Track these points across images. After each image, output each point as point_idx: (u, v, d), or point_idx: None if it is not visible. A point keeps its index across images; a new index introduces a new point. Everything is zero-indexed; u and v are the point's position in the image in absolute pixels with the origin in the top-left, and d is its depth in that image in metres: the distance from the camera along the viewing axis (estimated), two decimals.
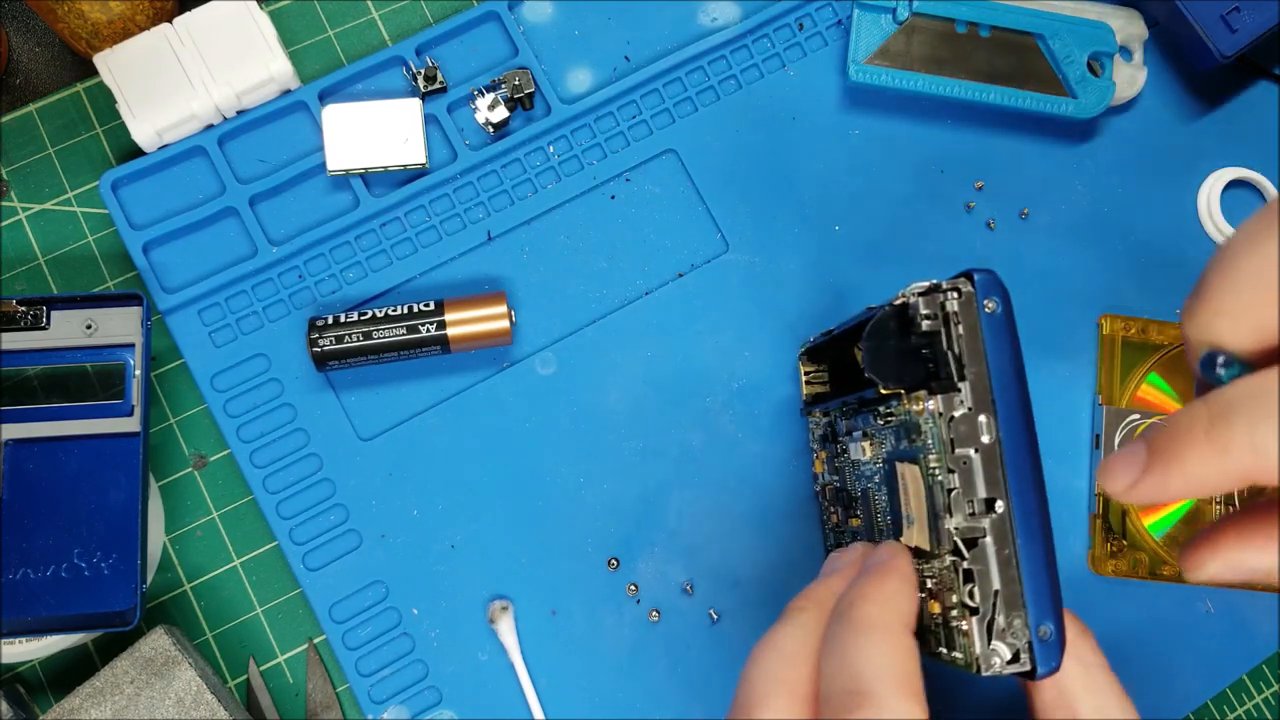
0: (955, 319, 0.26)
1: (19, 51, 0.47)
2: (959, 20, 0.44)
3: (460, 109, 0.45)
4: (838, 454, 0.38)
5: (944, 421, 0.26)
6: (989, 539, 0.26)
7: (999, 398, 0.26)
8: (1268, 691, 0.46)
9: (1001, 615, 0.26)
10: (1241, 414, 0.22)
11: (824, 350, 0.40)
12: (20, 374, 0.42)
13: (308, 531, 0.41)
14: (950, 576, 0.27)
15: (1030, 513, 0.26)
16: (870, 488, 0.34)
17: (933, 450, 0.27)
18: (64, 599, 0.38)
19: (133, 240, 0.42)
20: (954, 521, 0.26)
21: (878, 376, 0.28)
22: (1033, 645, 0.25)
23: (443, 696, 0.40)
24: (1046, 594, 0.26)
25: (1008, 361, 0.26)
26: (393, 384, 0.43)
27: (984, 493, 0.26)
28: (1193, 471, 0.23)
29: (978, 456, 0.26)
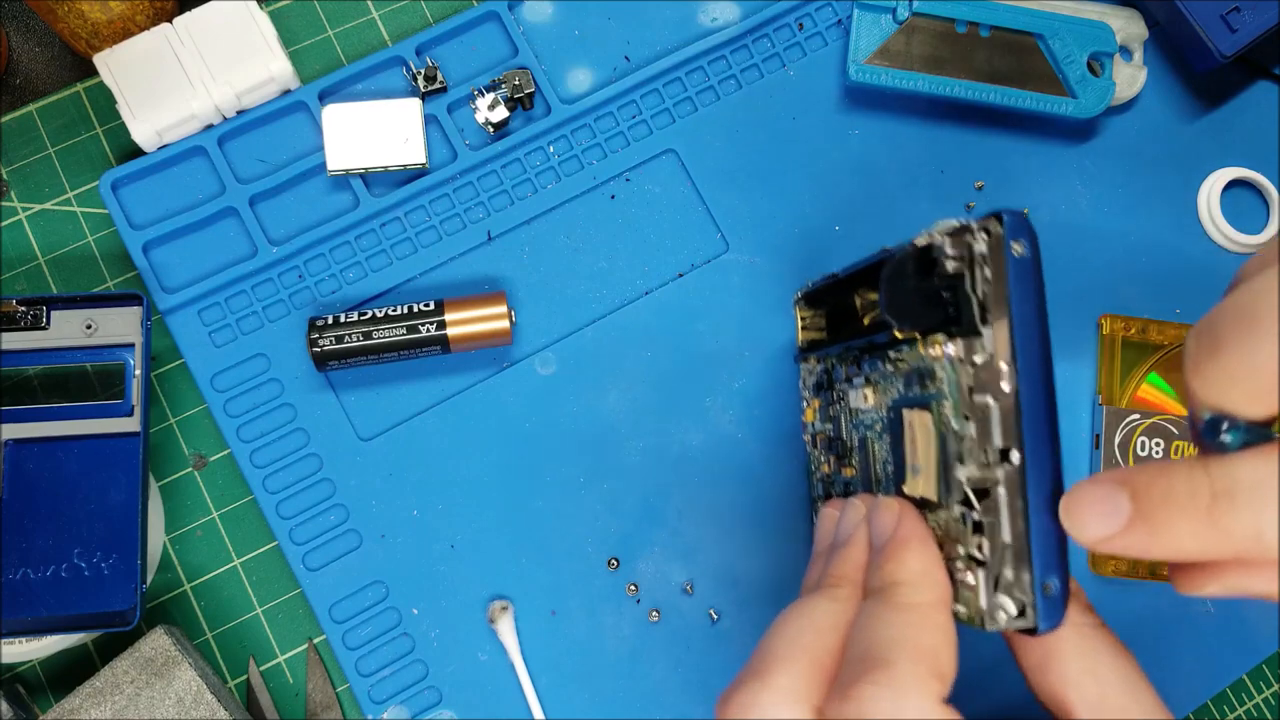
0: (981, 261, 0.25)
1: (19, 51, 0.47)
2: (959, 20, 0.44)
3: (460, 109, 0.45)
4: (833, 401, 0.37)
5: (964, 367, 0.25)
6: (1002, 490, 0.25)
7: (1021, 346, 0.25)
8: (1268, 691, 0.46)
9: (1009, 569, 0.25)
10: (1249, 500, 0.21)
11: (823, 295, 0.38)
12: (20, 374, 0.42)
13: (308, 531, 0.41)
14: (958, 528, 0.26)
15: (1044, 466, 0.25)
16: (869, 436, 0.33)
17: (948, 397, 0.26)
18: (64, 599, 0.38)
19: (133, 240, 0.42)
20: (966, 471, 0.25)
21: (895, 319, 0.27)
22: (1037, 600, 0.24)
23: (443, 696, 0.40)
24: (1055, 549, 0.25)
25: (1033, 308, 0.25)
26: (393, 384, 0.43)
27: (1000, 443, 0.25)
28: (1183, 544, 0.22)
29: (996, 405, 0.25)
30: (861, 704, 0.23)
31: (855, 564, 0.28)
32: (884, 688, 0.23)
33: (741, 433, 0.43)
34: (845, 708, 0.23)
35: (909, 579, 0.26)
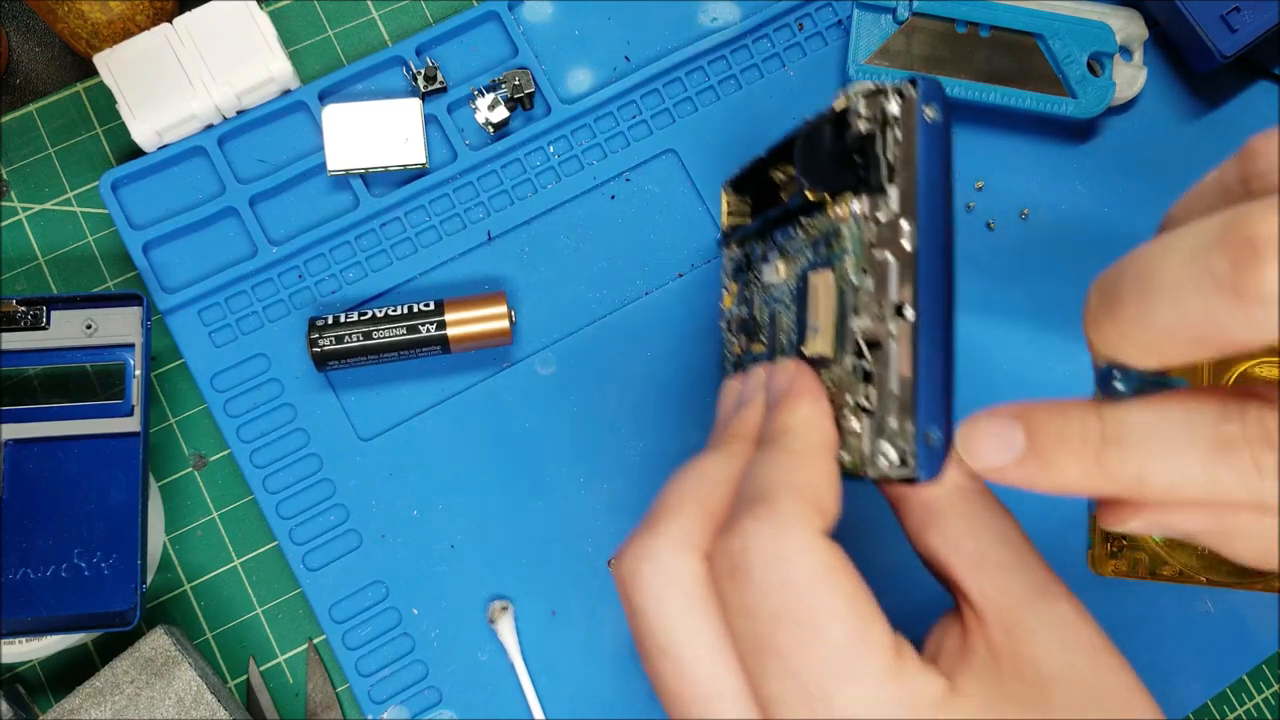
0: (893, 123, 0.26)
1: (19, 51, 0.47)
2: (959, 20, 0.44)
3: (460, 109, 0.45)
4: (750, 283, 0.37)
5: (866, 224, 0.26)
6: (893, 343, 0.26)
7: (924, 205, 0.26)
8: (1268, 691, 0.46)
9: (894, 418, 0.25)
10: (1135, 445, 0.22)
11: (749, 179, 0.38)
12: (20, 374, 0.42)
13: (308, 531, 0.41)
14: (849, 380, 0.27)
15: (936, 323, 0.26)
16: (779, 309, 0.34)
17: (850, 253, 0.27)
18: (64, 599, 0.38)
19: (133, 240, 0.42)
20: (860, 323, 0.26)
21: (808, 179, 0.27)
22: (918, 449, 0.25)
23: (443, 696, 0.40)
24: (940, 402, 0.25)
25: (939, 171, 0.26)
26: (393, 384, 0.43)
27: (895, 297, 0.26)
28: (1069, 481, 0.23)
29: (894, 261, 0.26)
30: (745, 537, 0.23)
31: (751, 423, 0.29)
32: (765, 522, 0.23)
33: None
34: (729, 543, 0.24)
35: (796, 426, 0.26)
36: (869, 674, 0.22)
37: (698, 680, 0.24)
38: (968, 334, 0.45)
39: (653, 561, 0.25)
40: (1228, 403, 0.21)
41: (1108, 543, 0.43)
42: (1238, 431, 0.20)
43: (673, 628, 0.24)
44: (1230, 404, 0.21)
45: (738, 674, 0.24)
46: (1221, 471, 0.21)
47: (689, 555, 0.25)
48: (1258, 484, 0.20)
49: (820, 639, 0.22)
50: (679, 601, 0.25)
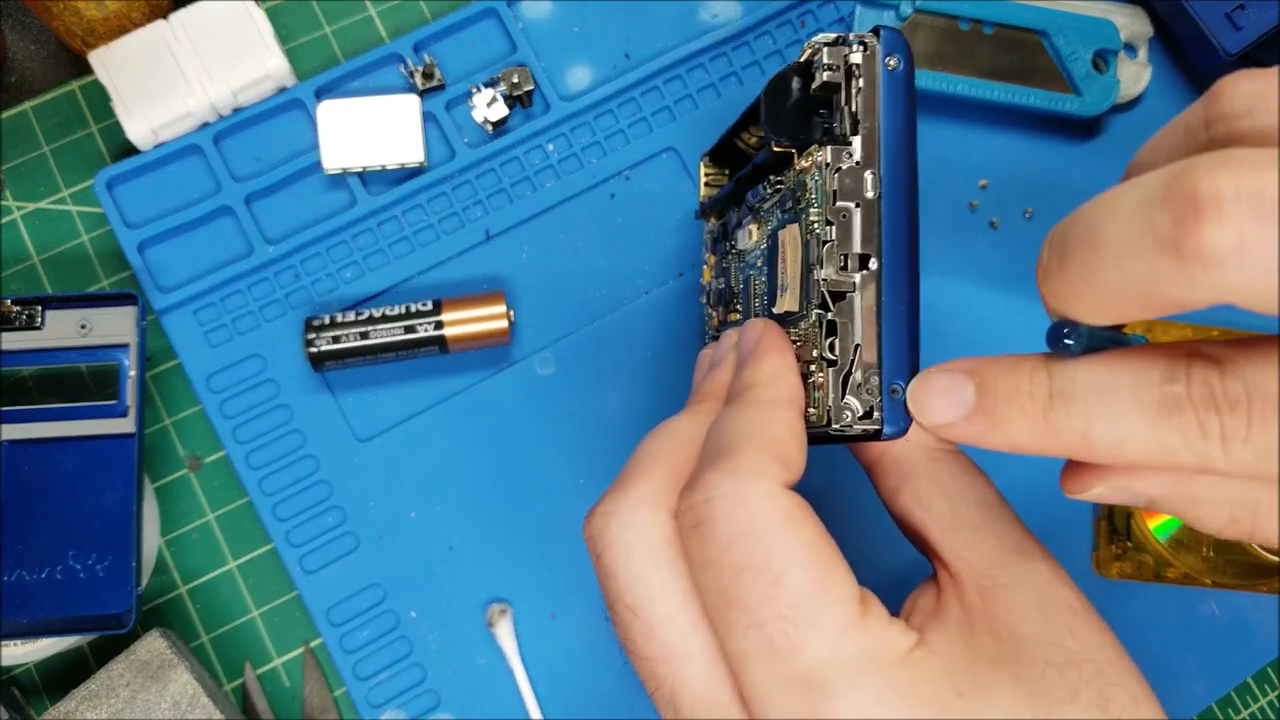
0: (856, 72, 0.26)
1: (14, 49, 0.46)
2: (962, 17, 0.44)
3: (458, 106, 0.44)
4: (727, 253, 0.37)
5: (830, 173, 0.26)
6: (856, 294, 0.26)
7: (886, 155, 0.26)
8: (1272, 694, 0.45)
9: (859, 371, 0.25)
10: (1081, 403, 0.21)
11: (724, 147, 0.38)
12: (14, 374, 0.42)
13: (305, 533, 0.41)
14: (814, 332, 0.26)
15: (900, 274, 0.26)
16: (752, 274, 0.34)
17: (815, 205, 0.27)
18: (59, 601, 0.38)
19: (128, 239, 0.42)
20: (824, 273, 0.26)
21: (773, 131, 0.27)
22: (883, 403, 0.25)
23: (441, 700, 0.40)
24: (905, 355, 0.25)
25: (901, 121, 0.26)
26: (390, 384, 0.42)
27: (859, 248, 0.26)
28: (1016, 438, 0.22)
29: (858, 211, 0.26)
30: (707, 490, 0.23)
31: (720, 382, 0.29)
32: (727, 473, 0.23)
33: None
34: (692, 497, 0.24)
35: (760, 380, 0.26)
36: (832, 624, 0.22)
37: (668, 641, 0.24)
38: (970, 334, 0.44)
39: (620, 519, 0.25)
40: (1175, 362, 0.21)
41: (1113, 545, 0.43)
42: (1183, 392, 0.20)
43: (640, 586, 0.24)
44: (1178, 364, 0.20)
45: (707, 631, 0.24)
46: (1166, 432, 0.20)
47: (656, 513, 0.25)
48: (1202, 447, 0.20)
49: (782, 586, 0.22)
50: (646, 559, 0.24)
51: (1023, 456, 0.23)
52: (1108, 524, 0.43)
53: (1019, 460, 0.44)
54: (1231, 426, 0.20)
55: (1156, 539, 0.43)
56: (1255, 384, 0.19)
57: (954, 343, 0.44)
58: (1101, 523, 0.43)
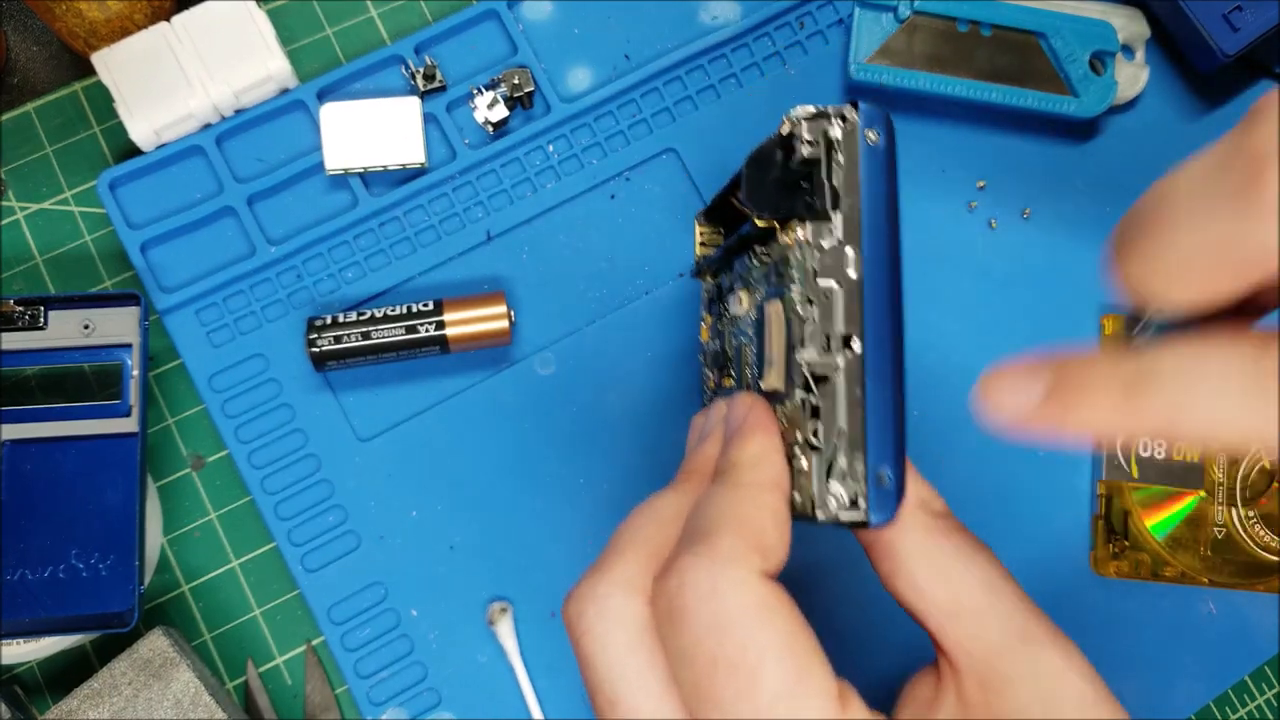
0: (836, 146, 0.25)
1: (17, 50, 0.46)
2: (960, 19, 0.44)
3: (459, 108, 0.44)
4: (720, 315, 0.37)
5: (810, 251, 0.25)
6: (840, 376, 0.25)
7: (868, 232, 0.25)
8: (1270, 693, 0.45)
9: (843, 456, 0.25)
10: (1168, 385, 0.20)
11: (718, 207, 0.38)
12: (18, 374, 0.42)
13: (306, 532, 0.41)
14: (798, 415, 0.26)
15: (884, 356, 0.25)
16: (743, 342, 0.33)
17: (797, 283, 0.26)
18: (62, 600, 0.38)
19: (130, 240, 0.42)
20: (807, 355, 0.25)
21: (754, 205, 0.27)
22: (869, 491, 0.24)
23: (442, 698, 0.40)
24: (891, 440, 0.25)
25: (882, 197, 0.25)
26: (391, 384, 0.42)
27: (842, 329, 0.25)
28: (1096, 420, 0.21)
29: (840, 290, 0.25)
30: (682, 575, 0.23)
31: (707, 457, 0.28)
32: (703, 558, 0.23)
33: None
34: (666, 581, 0.23)
35: (745, 461, 0.25)
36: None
37: None
38: (968, 333, 0.45)
39: (597, 604, 0.24)
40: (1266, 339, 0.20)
41: (1110, 544, 0.43)
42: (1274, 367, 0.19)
43: (617, 677, 0.24)
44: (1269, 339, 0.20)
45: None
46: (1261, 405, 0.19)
47: (633, 597, 0.24)
48: None
49: (756, 684, 0.21)
50: (622, 648, 0.24)
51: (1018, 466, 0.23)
52: (1105, 523, 0.43)
53: (1017, 460, 0.44)
54: None
55: (1154, 538, 0.43)
56: None
57: (952, 342, 0.44)
58: (1099, 522, 0.43)
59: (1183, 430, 0.20)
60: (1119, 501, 0.43)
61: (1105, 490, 0.43)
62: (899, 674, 0.26)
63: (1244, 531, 0.43)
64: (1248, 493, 0.44)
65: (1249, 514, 0.44)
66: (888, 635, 0.40)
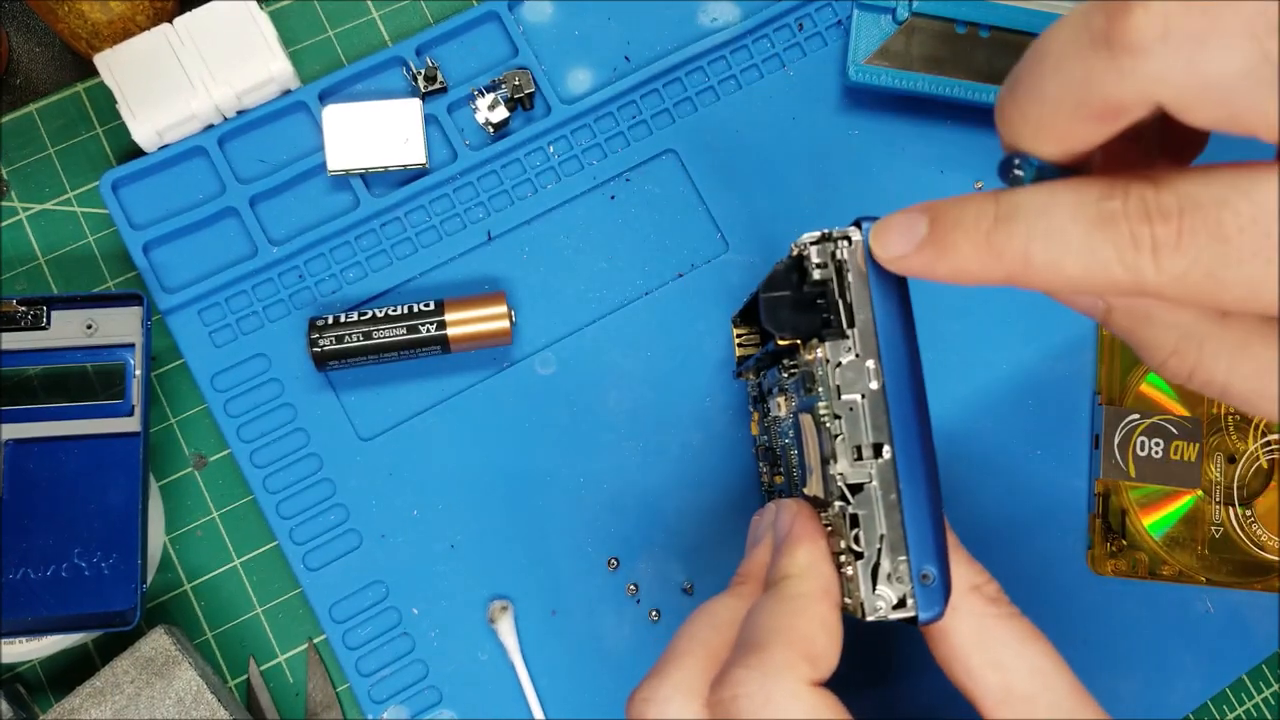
0: (845, 267, 0.27)
1: (19, 51, 0.47)
2: (959, 20, 0.44)
3: (460, 109, 0.45)
4: (765, 413, 0.38)
5: (831, 368, 0.27)
6: (874, 484, 0.26)
7: (885, 344, 0.26)
8: (1267, 691, 0.46)
9: (887, 560, 0.26)
10: (1022, 224, 0.21)
11: (751, 309, 0.40)
12: (20, 374, 0.42)
13: (308, 531, 0.41)
14: (839, 523, 0.27)
15: (915, 458, 0.26)
16: (786, 443, 0.35)
17: (823, 398, 0.27)
18: (64, 599, 0.38)
19: (133, 240, 0.42)
20: (839, 467, 0.26)
21: (772, 327, 0.28)
22: (915, 590, 0.26)
23: (443, 696, 0.40)
24: (930, 539, 0.26)
25: (895, 308, 0.27)
26: (393, 384, 0.43)
27: (870, 438, 0.26)
28: (963, 265, 0.23)
29: (864, 402, 0.26)
30: (735, 687, 0.24)
31: (760, 563, 0.29)
32: (754, 670, 0.24)
33: (741, 432, 0.43)
34: (720, 691, 0.24)
35: (795, 572, 0.27)
36: None
37: None
38: (966, 333, 0.45)
39: (658, 707, 0.25)
40: (1114, 182, 0.21)
41: (1108, 543, 0.43)
42: (1118, 206, 0.20)
43: None
44: (1116, 183, 0.21)
45: None
46: (1100, 246, 0.20)
47: (691, 702, 0.25)
48: (1133, 258, 0.20)
49: None
50: None
51: (1017, 466, 0.23)
52: (1103, 522, 0.43)
53: (1017, 460, 0.44)
54: (1163, 235, 0.20)
55: (1151, 537, 0.43)
56: (1188, 196, 0.20)
57: (950, 341, 0.44)
58: (1096, 521, 0.43)
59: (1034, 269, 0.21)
60: (1116, 500, 0.43)
61: (1103, 489, 0.43)
62: None
63: (1241, 530, 0.44)
64: (1244, 492, 0.44)
65: (1246, 513, 0.44)
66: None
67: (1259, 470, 0.44)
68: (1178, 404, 0.44)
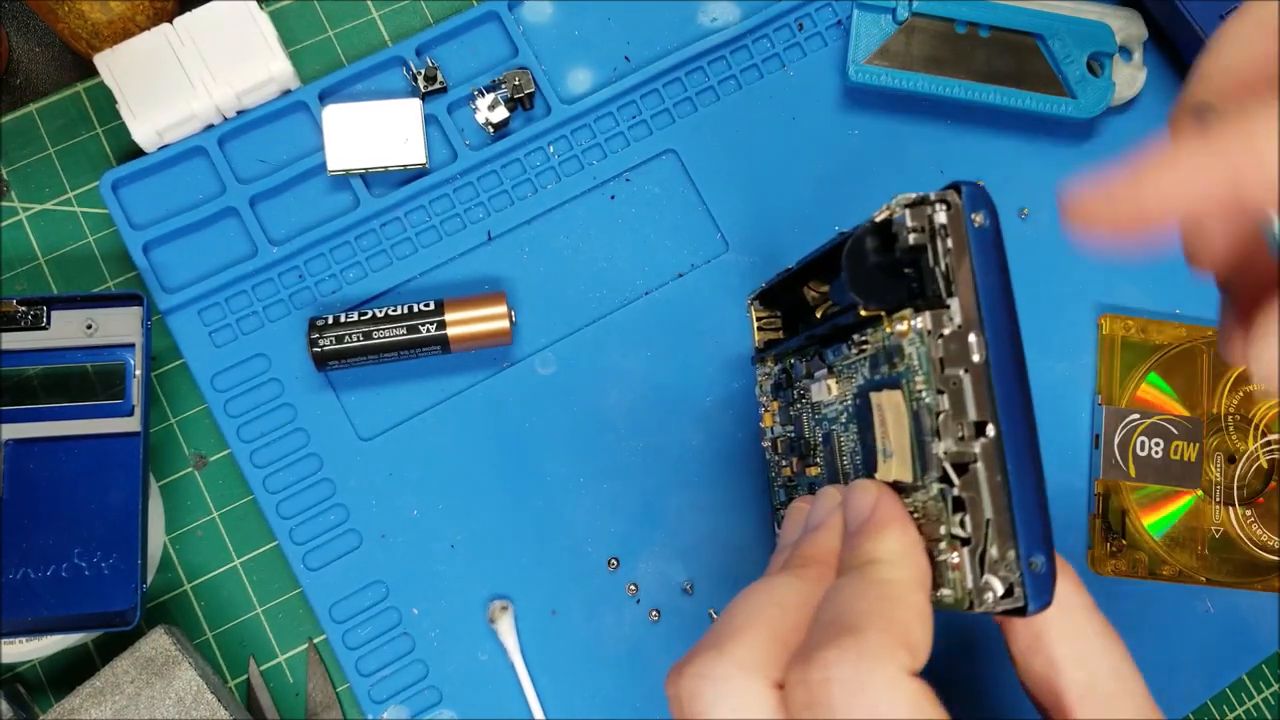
0: (943, 233, 0.25)
1: (19, 52, 0.47)
2: (959, 20, 0.44)
3: (460, 109, 0.45)
4: (794, 400, 0.36)
5: (933, 340, 0.25)
6: (979, 464, 0.24)
7: (988, 316, 0.24)
8: (1267, 691, 0.46)
9: (994, 546, 0.24)
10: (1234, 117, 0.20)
11: (778, 292, 0.37)
12: (20, 374, 0.42)
13: (308, 531, 0.41)
14: (936, 507, 0.25)
15: (1021, 438, 0.24)
16: (835, 429, 0.32)
17: (920, 372, 0.25)
18: (64, 599, 0.38)
19: (133, 240, 0.42)
20: (944, 446, 0.25)
21: (861, 297, 0.26)
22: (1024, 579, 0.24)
23: (443, 696, 0.40)
24: (1038, 524, 0.24)
25: (996, 278, 0.25)
26: (393, 384, 0.43)
27: (974, 415, 0.24)
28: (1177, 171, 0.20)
29: (967, 377, 0.24)
30: (826, 669, 0.22)
31: (826, 548, 0.27)
32: (850, 652, 0.22)
33: (742, 432, 0.43)
34: (809, 673, 0.22)
35: (887, 557, 0.25)
36: None
37: None
38: None
39: (717, 684, 0.23)
40: None
41: (1108, 543, 0.43)
42: None
43: None
44: None
45: None
46: None
47: (756, 680, 0.23)
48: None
49: None
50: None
51: None
52: (1103, 522, 0.43)
53: None
54: None
55: (1152, 537, 0.43)
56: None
57: None
58: (1096, 520, 0.43)
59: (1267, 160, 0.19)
60: (1116, 500, 0.43)
61: (1103, 489, 0.43)
62: None
63: (1241, 531, 0.44)
64: (1245, 492, 0.44)
65: (1246, 513, 0.44)
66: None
67: (1259, 470, 0.44)
68: (1178, 404, 0.44)
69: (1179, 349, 0.44)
